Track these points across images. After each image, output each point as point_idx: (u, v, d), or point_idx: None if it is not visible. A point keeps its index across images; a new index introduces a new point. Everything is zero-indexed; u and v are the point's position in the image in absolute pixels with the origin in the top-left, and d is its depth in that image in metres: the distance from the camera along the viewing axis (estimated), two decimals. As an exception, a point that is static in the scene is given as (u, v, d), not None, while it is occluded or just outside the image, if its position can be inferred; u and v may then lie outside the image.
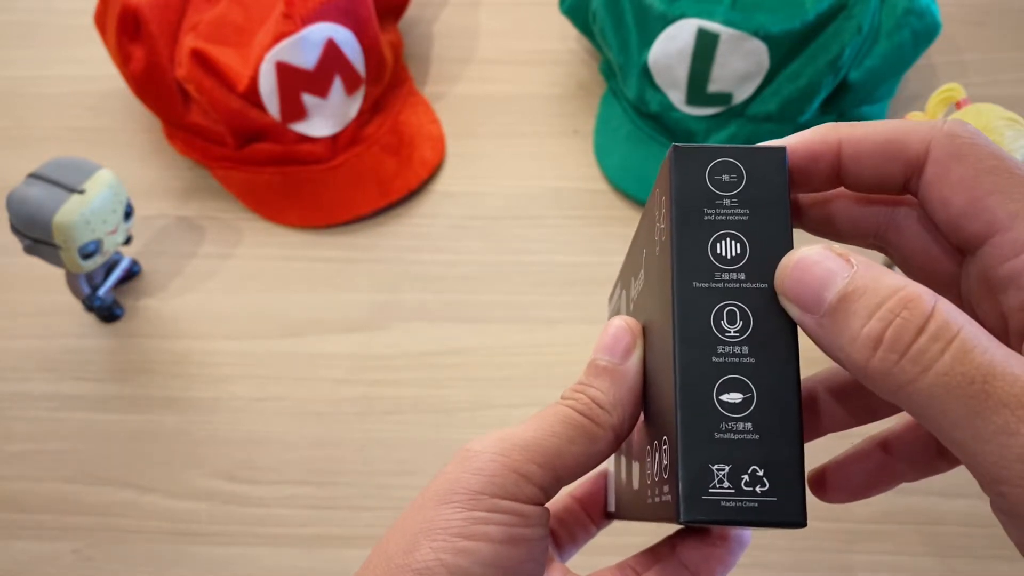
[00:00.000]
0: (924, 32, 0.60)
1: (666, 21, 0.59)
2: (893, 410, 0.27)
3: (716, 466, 0.21)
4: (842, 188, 0.24)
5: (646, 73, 0.61)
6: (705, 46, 0.58)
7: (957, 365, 0.18)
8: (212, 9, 0.62)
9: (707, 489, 0.20)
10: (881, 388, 0.19)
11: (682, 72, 0.60)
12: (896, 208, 0.25)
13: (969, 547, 0.51)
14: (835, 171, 0.23)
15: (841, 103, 0.62)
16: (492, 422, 0.56)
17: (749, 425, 0.21)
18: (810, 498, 0.28)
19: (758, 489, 0.20)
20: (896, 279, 0.19)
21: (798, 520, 0.20)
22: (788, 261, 0.21)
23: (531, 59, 0.71)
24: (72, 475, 0.56)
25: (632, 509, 0.27)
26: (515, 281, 0.61)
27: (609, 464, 0.32)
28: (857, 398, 0.27)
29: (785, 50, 0.58)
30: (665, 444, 0.22)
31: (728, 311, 0.21)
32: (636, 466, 0.26)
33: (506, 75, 0.70)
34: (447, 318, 0.60)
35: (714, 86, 0.60)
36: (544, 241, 0.62)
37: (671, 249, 0.22)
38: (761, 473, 0.20)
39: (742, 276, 0.21)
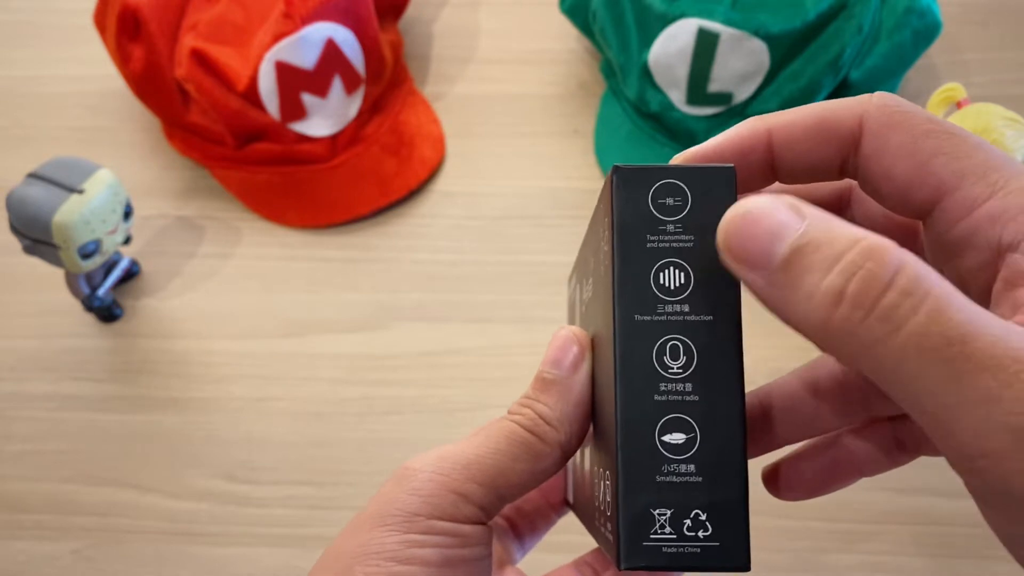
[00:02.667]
0: (925, 32, 0.60)
1: (666, 21, 0.59)
2: (858, 413, 0.25)
3: (658, 511, 0.20)
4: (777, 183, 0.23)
5: (646, 73, 0.61)
6: (705, 46, 0.58)
7: (933, 324, 0.16)
8: (212, 9, 0.62)
9: (648, 535, 0.20)
10: (843, 350, 0.17)
11: (682, 72, 0.60)
12: (842, 196, 0.24)
13: (970, 548, 0.51)
14: (768, 164, 0.22)
15: (841, 103, 0.62)
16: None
17: (692, 467, 0.20)
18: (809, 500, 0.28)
19: (700, 534, 0.20)
20: (855, 229, 0.17)
21: (741, 565, 0.20)
22: (733, 213, 0.19)
23: (531, 59, 0.71)
24: (72, 475, 0.56)
25: (584, 517, 0.26)
26: (515, 281, 0.61)
27: None
28: (815, 403, 0.26)
29: (785, 50, 0.58)
30: (608, 479, 0.21)
31: (671, 346, 0.20)
32: (588, 455, 0.25)
33: (506, 75, 0.70)
34: (447, 318, 0.60)
35: (714, 86, 0.60)
36: (544, 241, 0.62)
37: (612, 279, 0.21)
38: (704, 517, 0.20)
39: (686, 308, 0.20)
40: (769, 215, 0.18)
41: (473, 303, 0.60)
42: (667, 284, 0.20)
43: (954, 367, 0.16)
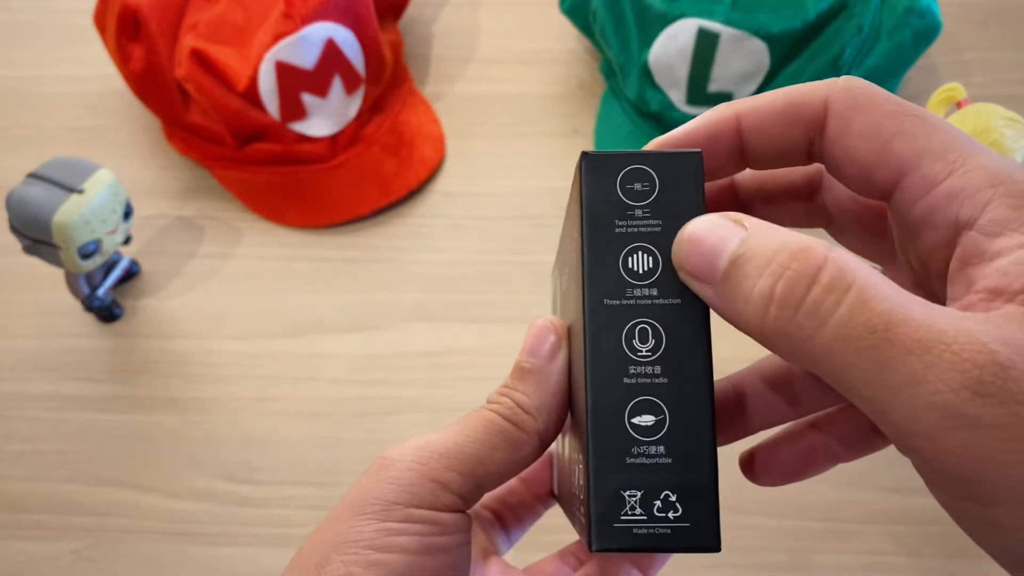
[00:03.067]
0: (925, 32, 0.60)
1: (666, 20, 0.59)
2: (832, 397, 0.26)
3: (628, 492, 0.20)
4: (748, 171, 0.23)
5: (646, 72, 0.61)
6: (705, 45, 0.58)
7: (856, 315, 0.17)
8: (212, 9, 0.62)
9: (619, 516, 0.20)
10: (782, 349, 0.18)
11: (682, 71, 0.60)
12: (812, 180, 0.24)
13: (968, 548, 0.51)
14: (738, 149, 0.22)
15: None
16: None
17: (662, 448, 0.20)
18: (808, 498, 0.28)
19: (671, 515, 0.20)
20: (786, 235, 0.18)
21: (711, 545, 0.20)
22: (682, 235, 0.20)
23: (531, 59, 0.71)
24: (72, 475, 0.56)
25: (566, 506, 0.26)
26: (515, 281, 0.61)
27: (554, 444, 0.32)
28: (790, 387, 0.26)
29: (785, 49, 0.58)
30: (581, 463, 0.21)
31: (640, 329, 0.21)
32: (568, 443, 0.25)
33: (506, 75, 0.70)
34: (447, 318, 0.60)
35: (714, 85, 0.60)
36: (544, 241, 0.62)
37: (582, 263, 0.21)
38: (674, 498, 0.20)
39: (654, 292, 0.21)
40: (711, 232, 0.19)
41: (473, 303, 0.60)
42: (636, 268, 0.21)
43: (880, 353, 0.16)
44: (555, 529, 0.32)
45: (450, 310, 0.60)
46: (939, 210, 0.19)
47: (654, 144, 0.23)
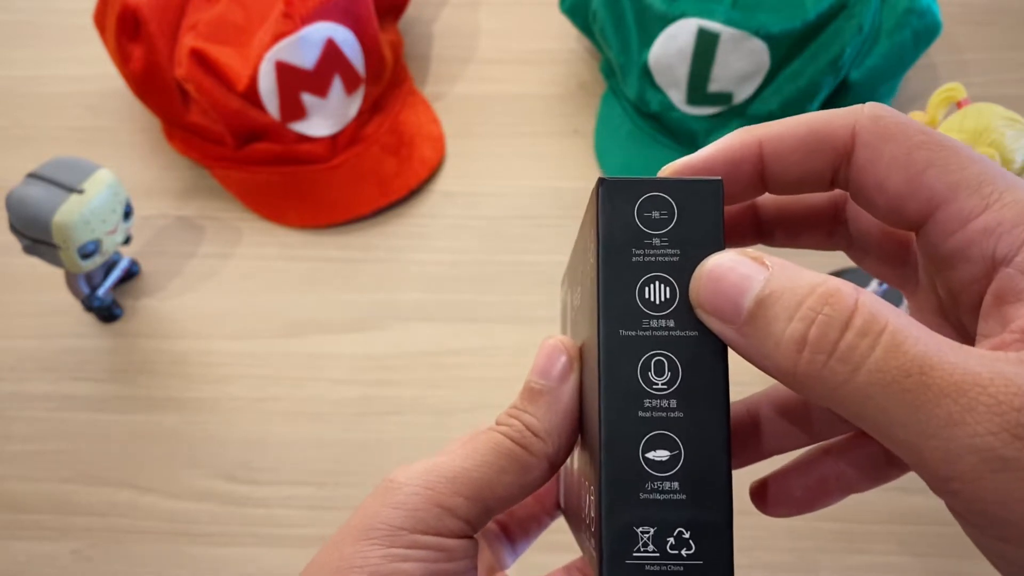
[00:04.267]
0: (925, 32, 0.60)
1: (666, 20, 0.59)
2: (847, 423, 0.25)
3: (641, 528, 0.20)
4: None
5: (646, 73, 0.61)
6: (705, 45, 0.58)
7: (890, 359, 0.17)
8: (212, 8, 0.62)
9: (631, 553, 0.20)
10: (814, 393, 0.18)
11: (682, 71, 0.60)
12: (836, 204, 0.24)
13: (971, 548, 0.51)
14: (758, 175, 0.22)
15: (842, 103, 0.62)
16: (491, 422, 0.56)
17: (676, 484, 0.20)
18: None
19: (684, 552, 0.20)
20: (813, 276, 0.18)
21: None
22: (701, 272, 0.20)
23: (531, 59, 0.71)
24: (72, 475, 0.56)
25: (573, 523, 0.26)
26: (515, 281, 0.61)
27: None
28: (804, 413, 0.26)
29: (786, 49, 0.58)
30: (592, 493, 0.21)
31: (656, 361, 0.20)
32: (578, 459, 0.25)
33: (506, 75, 0.70)
34: (447, 318, 0.60)
35: (714, 86, 0.60)
36: (544, 241, 0.62)
37: (597, 292, 0.20)
38: (687, 535, 0.20)
39: (671, 323, 0.20)
40: (733, 269, 0.19)
41: (473, 303, 0.60)
42: (652, 299, 0.20)
43: (915, 397, 0.16)
44: (557, 528, 0.32)
45: (450, 310, 0.60)
46: (974, 245, 0.19)
47: (672, 168, 0.22)
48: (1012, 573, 0.18)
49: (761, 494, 0.26)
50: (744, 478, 0.27)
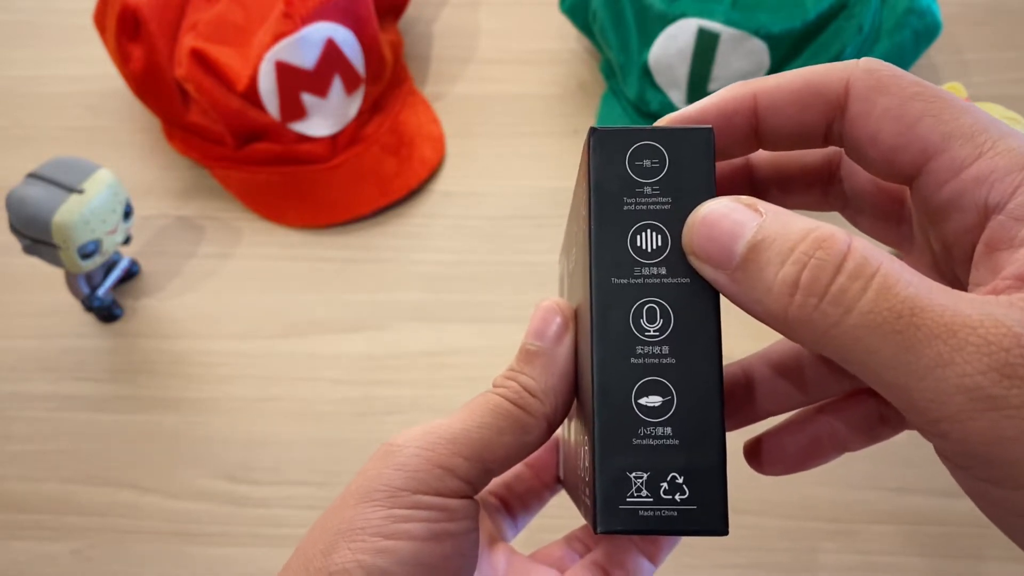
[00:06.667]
0: (925, 31, 0.60)
1: (666, 20, 0.59)
2: (841, 383, 0.25)
3: (634, 473, 0.20)
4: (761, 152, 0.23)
5: (646, 73, 0.61)
6: (705, 45, 0.58)
7: (881, 301, 0.17)
8: (212, 8, 0.62)
9: (624, 498, 0.20)
10: (804, 337, 0.18)
11: (682, 72, 0.60)
12: (831, 161, 0.24)
13: (969, 548, 0.51)
14: (752, 129, 0.22)
15: (841, 103, 0.62)
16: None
17: (669, 430, 0.20)
18: (810, 497, 0.27)
19: (677, 497, 0.20)
20: (807, 222, 0.18)
21: (719, 528, 0.20)
22: (694, 218, 0.20)
23: (531, 59, 0.71)
24: (72, 475, 0.56)
25: (571, 491, 0.26)
26: (515, 281, 0.61)
27: (560, 429, 0.32)
28: (799, 371, 0.26)
29: (786, 49, 0.58)
30: (587, 445, 0.21)
31: (648, 308, 0.20)
32: (574, 427, 0.25)
33: (506, 75, 0.70)
34: (447, 318, 0.60)
35: (715, 85, 0.60)
36: (544, 241, 0.62)
37: (589, 242, 0.21)
38: (681, 480, 0.20)
39: (663, 271, 0.20)
40: (726, 216, 0.19)
41: (473, 303, 0.60)
42: (644, 247, 0.20)
43: (906, 338, 0.17)
44: (559, 513, 0.32)
45: (450, 310, 0.60)
46: (967, 193, 0.19)
47: (666, 120, 0.22)
48: (998, 515, 0.18)
49: (755, 452, 0.26)
50: (734, 453, 0.27)
